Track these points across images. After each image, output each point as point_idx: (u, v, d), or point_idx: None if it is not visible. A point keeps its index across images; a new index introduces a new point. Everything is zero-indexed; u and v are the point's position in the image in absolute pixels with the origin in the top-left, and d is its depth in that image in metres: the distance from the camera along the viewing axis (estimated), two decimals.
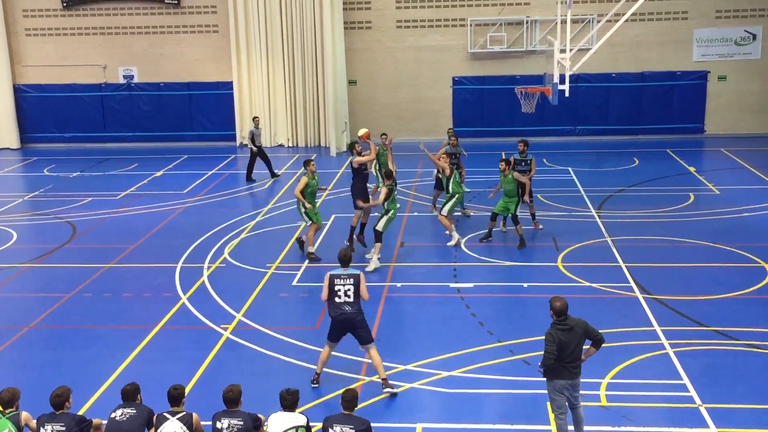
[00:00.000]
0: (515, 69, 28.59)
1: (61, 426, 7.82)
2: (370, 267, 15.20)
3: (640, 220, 18.21)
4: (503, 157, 17.36)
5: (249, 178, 23.40)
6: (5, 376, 11.00)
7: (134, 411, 8.02)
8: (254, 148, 23.19)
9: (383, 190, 15.58)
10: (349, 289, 10.54)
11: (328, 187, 19.19)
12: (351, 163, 16.99)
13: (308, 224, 16.00)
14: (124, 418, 7.94)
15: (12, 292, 14.92)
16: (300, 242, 16.54)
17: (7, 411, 8.05)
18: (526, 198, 16.73)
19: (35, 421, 8.04)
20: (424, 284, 14.57)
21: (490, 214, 17.05)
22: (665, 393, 10.33)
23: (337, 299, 10.54)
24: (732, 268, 14.97)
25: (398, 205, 16.06)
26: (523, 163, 17.46)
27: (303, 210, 15.86)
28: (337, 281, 10.56)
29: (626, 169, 23.87)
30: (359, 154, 17.02)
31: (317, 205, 16.56)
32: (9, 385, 8.49)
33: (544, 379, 8.90)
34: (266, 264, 15.75)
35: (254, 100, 29.19)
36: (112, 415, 8.03)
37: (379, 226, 15.46)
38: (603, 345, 8.89)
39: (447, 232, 16.75)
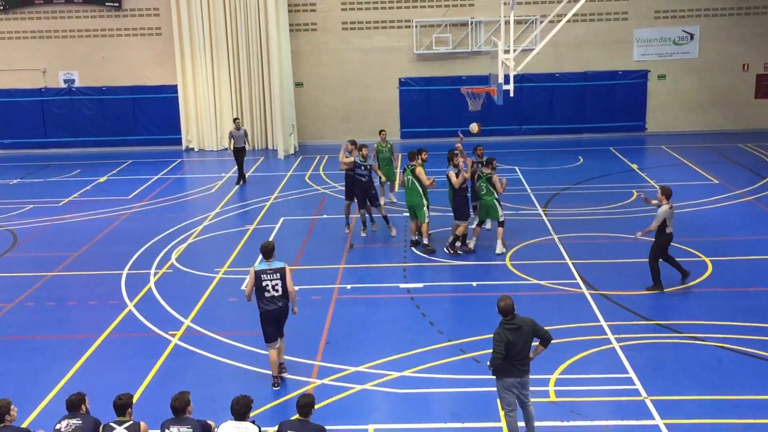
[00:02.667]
0: (461, 69, 28.82)
1: None
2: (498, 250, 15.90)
3: (586, 218, 18.51)
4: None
5: (242, 179, 23.07)
6: None
7: (80, 422, 7.83)
8: (231, 151, 22.88)
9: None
10: (276, 284, 10.59)
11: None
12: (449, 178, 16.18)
13: (427, 219, 16.10)
14: (69, 430, 7.74)
15: None
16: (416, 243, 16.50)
17: None
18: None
19: None
20: (375, 285, 14.58)
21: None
22: (612, 387, 10.51)
23: (266, 294, 10.60)
24: None
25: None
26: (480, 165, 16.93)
27: (424, 204, 16.02)
28: (264, 276, 10.57)
29: (571, 168, 24.24)
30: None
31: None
32: None
33: (494, 377, 8.98)
34: (214, 269, 15.59)
35: (200, 104, 28.86)
36: (57, 426, 7.84)
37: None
38: (551, 342, 9.00)
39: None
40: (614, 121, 29.22)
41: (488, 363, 8.87)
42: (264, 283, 10.56)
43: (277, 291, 10.62)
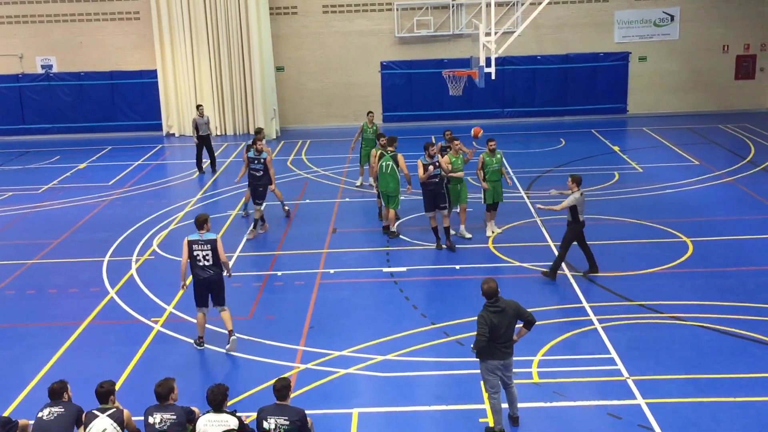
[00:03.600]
0: (442, 53, 28.73)
1: None
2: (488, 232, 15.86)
3: None
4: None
5: (200, 169, 22.51)
6: None
7: (62, 410, 7.80)
8: (196, 139, 22.33)
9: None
10: (207, 254, 11.16)
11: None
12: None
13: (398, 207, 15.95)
14: (52, 418, 7.71)
15: None
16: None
17: None
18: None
19: None
20: (358, 270, 14.57)
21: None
22: (594, 367, 10.58)
23: (198, 263, 11.18)
24: (656, 244, 15.40)
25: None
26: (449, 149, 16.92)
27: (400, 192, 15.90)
28: (195, 247, 11.17)
29: (553, 150, 24.29)
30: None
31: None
32: None
33: (478, 360, 9.01)
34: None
35: (180, 89, 28.61)
36: (39, 414, 7.80)
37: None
38: (535, 324, 9.04)
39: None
40: (596, 103, 29.27)
41: (472, 346, 8.89)
42: (195, 253, 11.15)
43: (207, 261, 11.17)
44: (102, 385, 7.89)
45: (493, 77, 17.97)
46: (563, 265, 14.27)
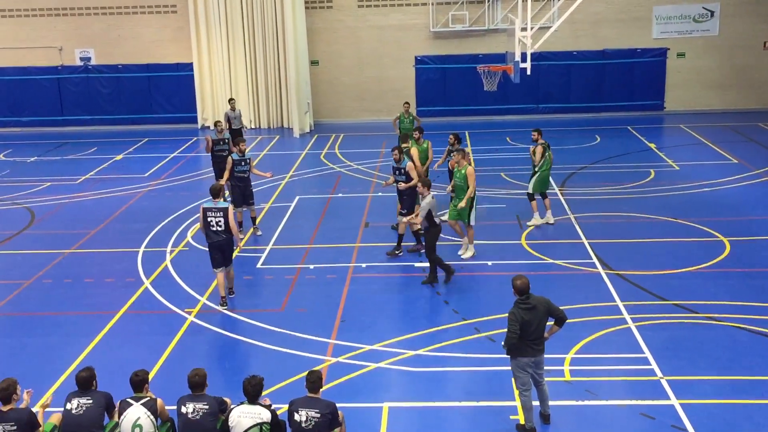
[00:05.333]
0: (477, 48, 28.60)
1: (11, 426, 7.58)
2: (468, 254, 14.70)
3: (602, 197, 18.39)
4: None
5: None
6: None
7: (90, 401, 7.80)
8: (228, 133, 22.37)
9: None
10: (219, 220, 12.33)
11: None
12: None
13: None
14: (81, 411, 7.72)
15: None
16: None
17: None
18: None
19: None
20: (390, 264, 14.57)
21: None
22: (627, 367, 10.48)
23: (212, 228, 12.35)
24: (692, 243, 15.20)
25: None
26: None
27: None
28: (209, 213, 12.37)
29: (588, 147, 24.06)
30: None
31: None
32: None
33: (509, 356, 8.97)
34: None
35: (215, 82, 28.85)
36: (68, 406, 7.79)
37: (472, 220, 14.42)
38: (566, 321, 8.97)
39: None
40: (632, 100, 28.95)
41: (503, 342, 8.86)
42: (209, 219, 12.33)
43: (220, 226, 12.34)
44: (137, 374, 7.97)
45: (528, 73, 17.82)
46: (596, 262, 14.15)
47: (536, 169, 16.20)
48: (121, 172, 22.53)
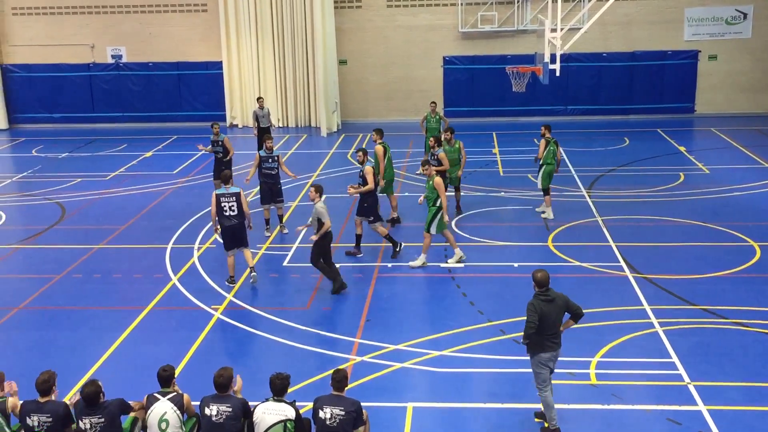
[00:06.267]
0: (506, 48, 28.49)
1: (47, 418, 7.65)
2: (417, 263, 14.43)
3: (631, 200, 18.24)
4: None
5: None
6: None
7: (103, 420, 7.61)
8: (256, 131, 22.61)
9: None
10: (232, 205, 13.14)
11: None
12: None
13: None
14: (97, 430, 7.64)
15: (1, 273, 14.85)
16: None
17: None
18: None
19: (20, 409, 7.83)
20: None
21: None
22: (654, 371, 10.39)
23: (225, 213, 13.13)
24: (721, 247, 15.02)
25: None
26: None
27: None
28: (222, 200, 13.12)
29: (617, 149, 23.88)
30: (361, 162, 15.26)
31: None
32: None
33: (528, 354, 8.95)
34: (257, 245, 15.71)
35: (244, 80, 29.02)
36: (81, 426, 7.60)
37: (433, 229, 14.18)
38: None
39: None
40: (662, 102, 28.67)
41: (523, 335, 8.84)
42: (222, 205, 13.09)
43: (233, 211, 13.15)
44: (164, 369, 8.02)
45: (557, 74, 17.76)
46: (623, 266, 14.05)
47: (541, 162, 16.65)
48: (150, 169, 22.75)
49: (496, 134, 26.27)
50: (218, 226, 13.40)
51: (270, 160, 15.98)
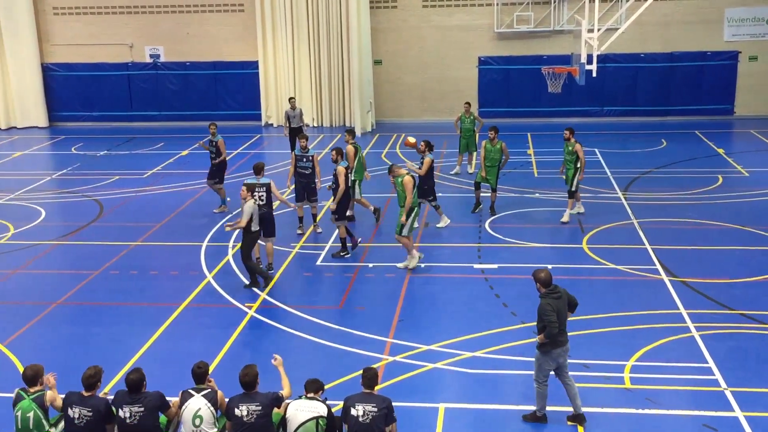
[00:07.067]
0: (542, 49, 28.31)
1: (88, 411, 7.76)
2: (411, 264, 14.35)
3: (667, 202, 18.03)
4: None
5: None
6: (32, 353, 11.19)
7: (142, 409, 7.76)
8: (287, 132, 22.73)
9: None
10: (263, 195, 13.71)
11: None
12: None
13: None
14: (135, 421, 7.76)
15: (40, 268, 15.12)
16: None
17: (31, 390, 7.96)
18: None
19: (62, 400, 7.95)
20: (449, 265, 14.55)
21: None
22: (690, 376, 10.26)
23: (254, 202, 13.31)
24: (759, 251, 14.79)
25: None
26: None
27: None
28: (254, 189, 13.49)
29: (654, 151, 23.62)
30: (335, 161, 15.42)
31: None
32: (35, 361, 8.45)
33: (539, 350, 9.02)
34: (291, 243, 15.80)
35: (279, 80, 29.21)
36: (121, 414, 7.76)
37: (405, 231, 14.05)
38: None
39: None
40: (701, 104, 28.28)
41: (541, 336, 8.87)
42: (253, 194, 13.33)
43: (262, 200, 13.67)
44: (199, 366, 8.10)
45: (594, 74, 17.62)
46: (659, 269, 13.90)
47: (574, 165, 16.41)
48: (186, 168, 22.99)
49: (531, 135, 26.12)
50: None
51: (304, 159, 16.06)
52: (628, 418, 9.38)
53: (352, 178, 16.29)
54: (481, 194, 17.58)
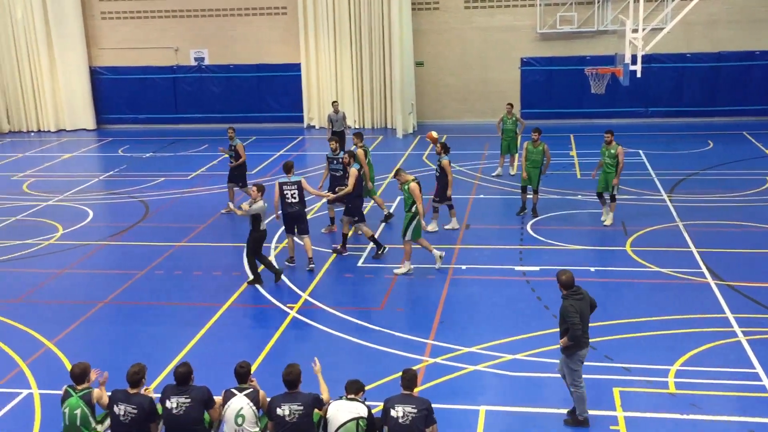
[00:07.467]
0: (585, 49, 28.03)
1: (133, 409, 7.89)
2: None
3: (714, 205, 17.72)
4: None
5: None
6: (79, 350, 11.44)
7: (189, 401, 7.92)
8: (330, 135, 22.83)
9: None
10: (294, 193, 14.04)
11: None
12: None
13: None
14: (181, 412, 7.89)
15: (88, 268, 15.43)
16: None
17: (78, 388, 8.13)
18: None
19: (108, 397, 8.11)
20: (490, 267, 14.50)
21: (596, 197, 16.74)
22: (736, 381, 10.08)
23: (287, 200, 14.04)
24: None
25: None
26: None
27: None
28: (285, 187, 14.04)
29: (700, 152, 23.23)
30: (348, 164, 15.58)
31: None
32: (82, 359, 8.62)
33: (567, 356, 8.97)
34: (332, 245, 15.88)
35: (322, 82, 29.38)
36: (168, 405, 7.94)
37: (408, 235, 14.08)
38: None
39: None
40: (748, 105, 27.72)
41: (564, 340, 8.84)
42: (285, 192, 14.01)
43: (294, 198, 14.06)
44: (241, 366, 8.19)
45: (638, 75, 17.39)
46: (705, 272, 13.67)
47: (616, 168, 16.16)
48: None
49: (574, 136, 25.88)
50: (279, 212, 14.45)
51: (335, 162, 16.24)
52: (672, 423, 9.25)
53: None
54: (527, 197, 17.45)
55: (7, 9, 29.93)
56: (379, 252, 15.13)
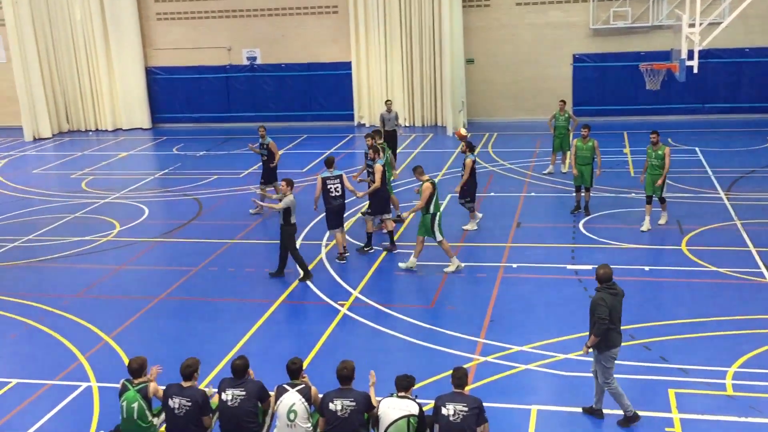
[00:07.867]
0: (640, 45, 27.57)
1: (187, 401, 8.03)
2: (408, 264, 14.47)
3: None
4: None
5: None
6: (136, 345, 11.69)
7: (244, 393, 8.08)
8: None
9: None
10: (337, 186, 14.51)
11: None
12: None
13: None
14: (236, 404, 8.03)
15: (144, 264, 15.74)
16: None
17: (136, 382, 8.30)
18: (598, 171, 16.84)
19: (163, 391, 8.26)
20: (541, 265, 14.37)
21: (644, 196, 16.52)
22: None
23: (330, 194, 14.46)
24: None
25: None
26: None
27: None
28: (328, 182, 14.46)
29: (758, 149, 22.67)
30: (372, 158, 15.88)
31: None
32: (139, 353, 8.84)
33: (599, 352, 8.95)
34: (382, 243, 15.92)
35: (371, 80, 29.44)
36: (224, 397, 8.10)
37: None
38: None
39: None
40: None
41: (592, 338, 8.85)
42: (328, 186, 14.43)
43: (337, 192, 14.49)
44: (293, 362, 8.28)
45: (695, 71, 17.05)
46: (764, 272, 13.35)
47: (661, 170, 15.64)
48: (280, 167, 23.30)
49: (627, 133, 25.49)
50: (316, 206, 15.03)
51: (367, 157, 16.38)
52: (730, 426, 9.07)
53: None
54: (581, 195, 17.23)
55: (66, 11, 30.66)
56: (366, 249, 15.47)
